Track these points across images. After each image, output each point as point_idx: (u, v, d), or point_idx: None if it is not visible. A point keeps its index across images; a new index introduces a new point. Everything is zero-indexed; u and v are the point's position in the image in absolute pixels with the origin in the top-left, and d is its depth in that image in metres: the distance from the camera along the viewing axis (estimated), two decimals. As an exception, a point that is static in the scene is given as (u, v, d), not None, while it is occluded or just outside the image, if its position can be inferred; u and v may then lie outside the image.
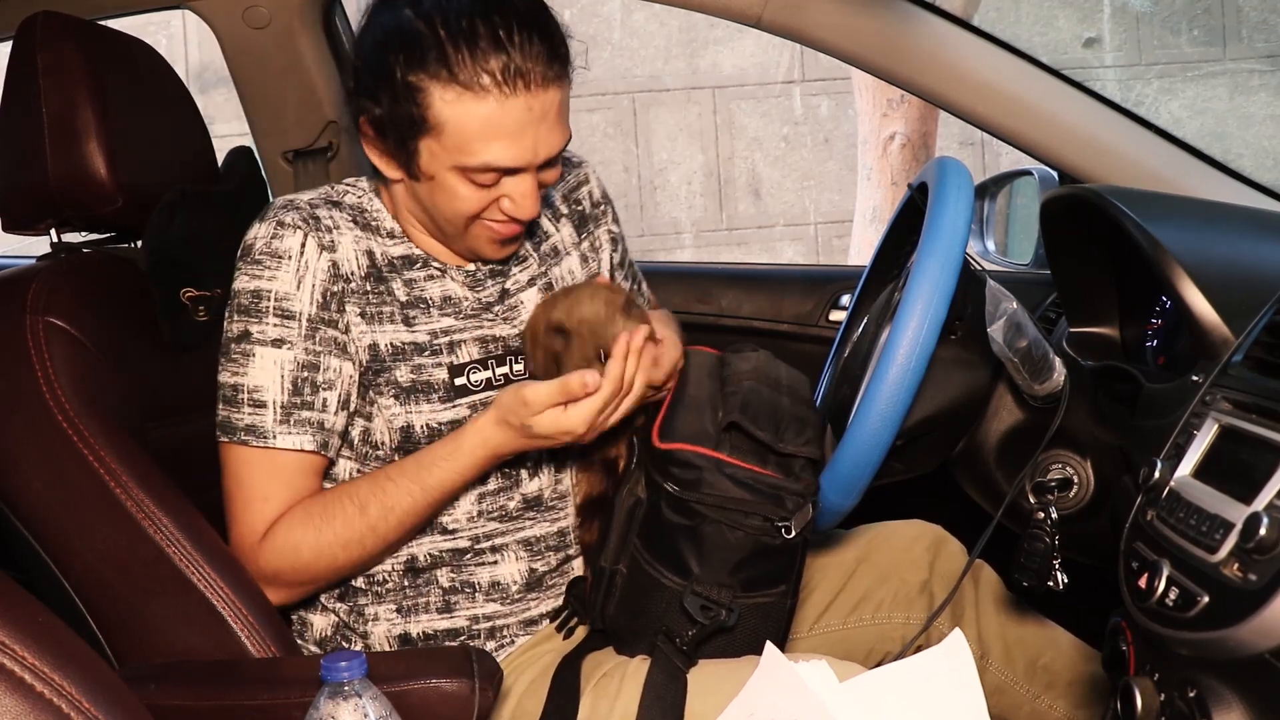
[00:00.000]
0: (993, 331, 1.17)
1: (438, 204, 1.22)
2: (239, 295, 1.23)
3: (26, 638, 0.56)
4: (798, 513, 1.16)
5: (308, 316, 1.22)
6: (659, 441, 1.19)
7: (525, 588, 1.31)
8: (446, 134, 1.16)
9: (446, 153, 1.17)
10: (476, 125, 1.15)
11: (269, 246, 1.22)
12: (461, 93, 1.14)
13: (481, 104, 1.14)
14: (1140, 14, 5.87)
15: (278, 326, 1.21)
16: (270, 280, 1.21)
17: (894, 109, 4.41)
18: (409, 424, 1.25)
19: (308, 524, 1.21)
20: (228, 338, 1.24)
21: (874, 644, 1.47)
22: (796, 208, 5.76)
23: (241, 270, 1.23)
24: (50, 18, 1.30)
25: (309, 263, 1.22)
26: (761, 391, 1.23)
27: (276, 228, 1.22)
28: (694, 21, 5.42)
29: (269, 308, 1.21)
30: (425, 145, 1.18)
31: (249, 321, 1.22)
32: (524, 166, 1.19)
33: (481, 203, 1.20)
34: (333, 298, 1.23)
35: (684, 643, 1.15)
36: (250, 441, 1.22)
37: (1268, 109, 5.79)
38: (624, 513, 1.23)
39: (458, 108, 1.15)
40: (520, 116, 1.16)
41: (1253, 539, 0.82)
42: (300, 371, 1.22)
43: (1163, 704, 0.93)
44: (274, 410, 1.21)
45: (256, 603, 1.18)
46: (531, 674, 1.25)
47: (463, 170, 1.18)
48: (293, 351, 1.22)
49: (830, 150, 5.74)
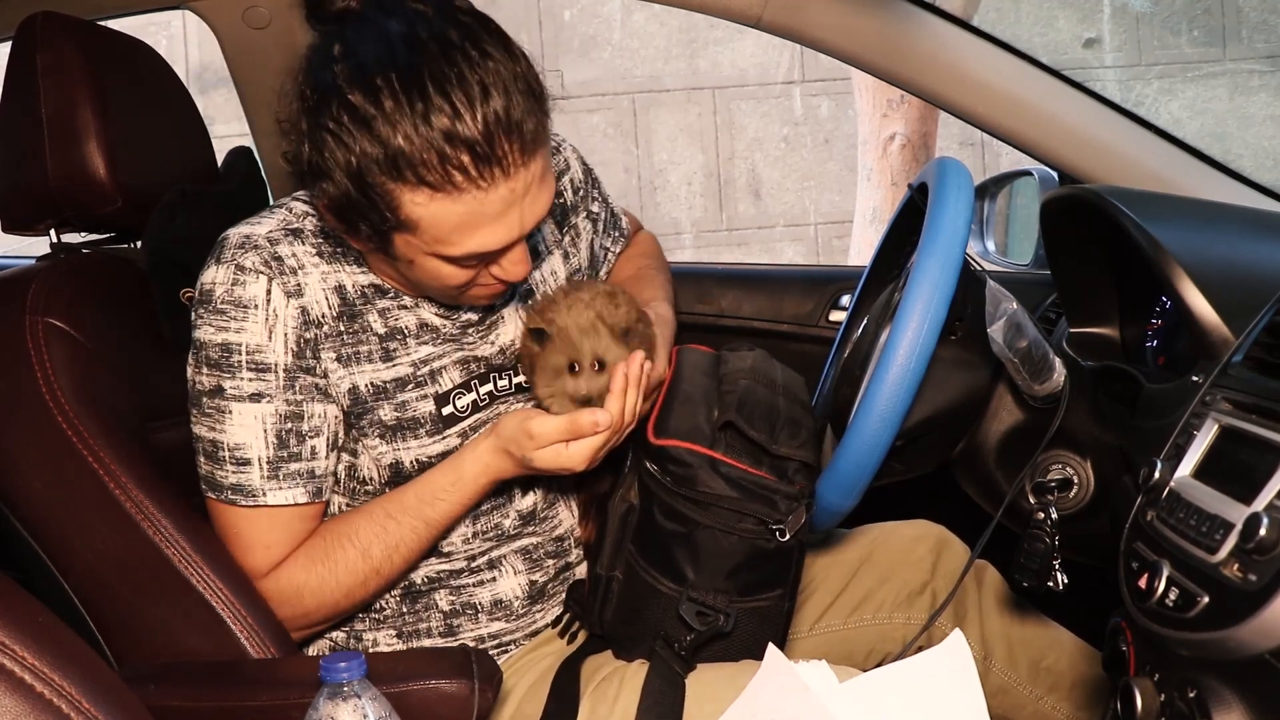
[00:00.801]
0: (993, 332, 1.17)
1: (420, 280, 1.15)
2: (205, 347, 1.15)
3: (26, 638, 0.56)
4: (790, 516, 1.15)
5: (284, 367, 1.15)
6: (654, 437, 1.19)
7: (529, 601, 1.30)
8: (423, 230, 1.06)
9: (425, 244, 1.08)
10: (454, 221, 1.05)
11: (231, 294, 1.13)
12: (433, 194, 1.03)
13: (458, 203, 1.04)
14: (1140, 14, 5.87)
15: (254, 381, 1.15)
16: (239, 332, 1.14)
17: (894, 109, 4.41)
18: (397, 460, 1.22)
19: (310, 570, 1.19)
20: (198, 390, 1.17)
21: (875, 644, 1.47)
22: (796, 208, 5.76)
23: (204, 319, 1.15)
24: (50, 18, 1.30)
25: (277, 310, 1.14)
26: (758, 391, 1.23)
27: (236, 273, 1.13)
28: (694, 22, 5.42)
29: (241, 362, 1.14)
30: (400, 239, 1.08)
31: (221, 376, 1.15)
32: (512, 243, 1.10)
33: (468, 277, 1.13)
34: (306, 344, 1.16)
35: (682, 648, 1.15)
36: (239, 501, 1.18)
37: (1267, 109, 5.79)
38: (617, 519, 1.22)
39: (431, 208, 1.04)
40: (501, 203, 1.05)
41: (1253, 539, 0.82)
42: (283, 424, 1.16)
43: (1163, 704, 0.93)
44: (259, 467, 1.16)
45: (256, 603, 1.18)
46: (531, 677, 1.25)
47: (444, 257, 1.09)
48: (273, 404, 1.16)
49: (830, 151, 5.74)
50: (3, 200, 1.34)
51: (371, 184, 1.04)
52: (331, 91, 1.04)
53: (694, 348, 1.33)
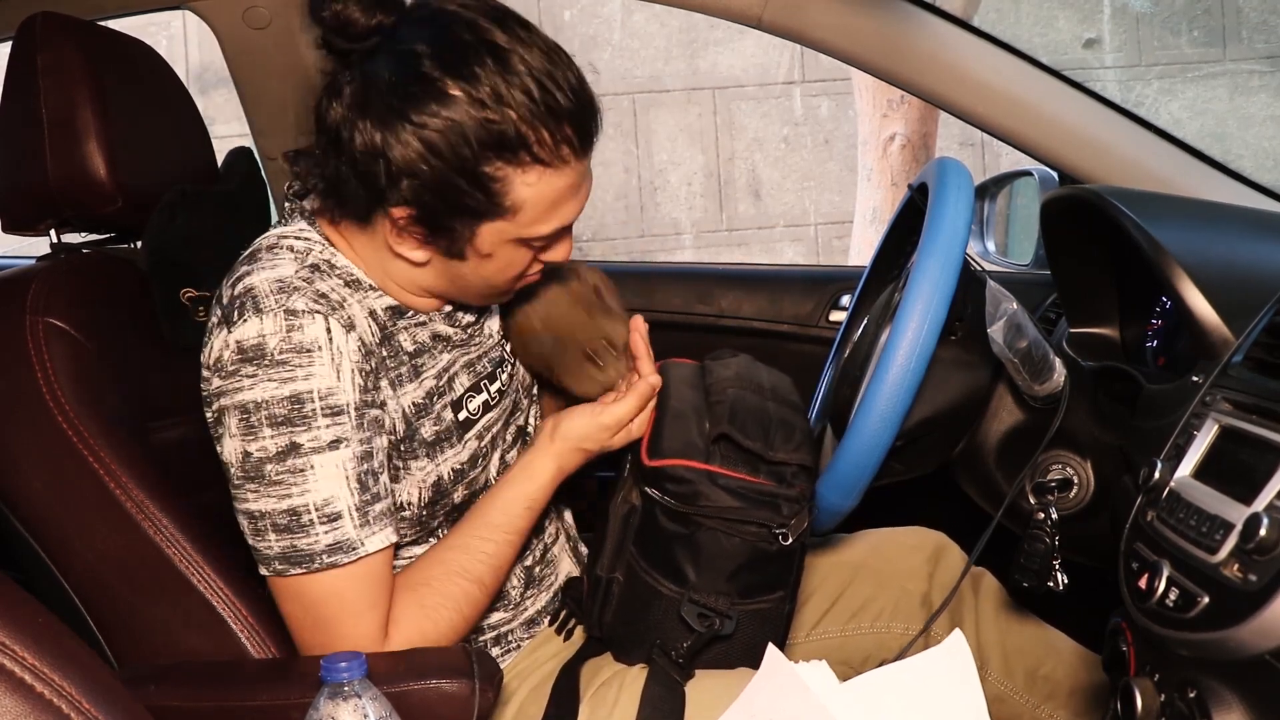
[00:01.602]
0: (993, 332, 1.17)
1: (485, 279, 1.14)
2: (266, 406, 1.05)
3: (26, 638, 0.56)
4: (794, 519, 1.15)
5: (355, 405, 1.08)
6: (648, 459, 1.18)
7: (524, 587, 1.31)
8: (525, 211, 1.07)
9: (516, 228, 1.08)
10: (553, 197, 1.07)
11: (290, 341, 1.05)
12: (542, 170, 1.05)
13: (561, 176, 1.07)
14: (1140, 15, 5.87)
15: (331, 427, 1.06)
16: (308, 379, 1.05)
17: (894, 110, 4.41)
18: (439, 476, 1.20)
19: (423, 615, 1.14)
20: (259, 459, 1.06)
21: (871, 651, 1.46)
22: (796, 208, 5.76)
23: (258, 377, 1.05)
24: (50, 18, 1.30)
25: (340, 348, 1.07)
26: (747, 398, 1.23)
27: (289, 318, 1.05)
28: (694, 22, 5.42)
29: (316, 410, 1.05)
30: (490, 228, 1.08)
31: (294, 432, 1.05)
32: (570, 226, 1.14)
33: (528, 263, 1.14)
34: (368, 377, 1.10)
35: (679, 654, 1.15)
36: (340, 561, 1.07)
37: (1268, 110, 5.79)
38: (618, 520, 1.22)
39: (539, 187, 1.06)
40: (584, 175, 1.10)
41: (1253, 539, 0.82)
42: (360, 466, 1.09)
43: (1163, 704, 0.93)
44: (351, 518, 1.08)
45: (256, 603, 1.18)
46: (534, 681, 1.25)
47: (526, 240, 1.10)
48: (350, 449, 1.07)
49: (830, 151, 5.74)
50: (3, 200, 1.34)
51: (485, 173, 1.03)
52: (416, 83, 1.01)
53: (676, 361, 1.33)
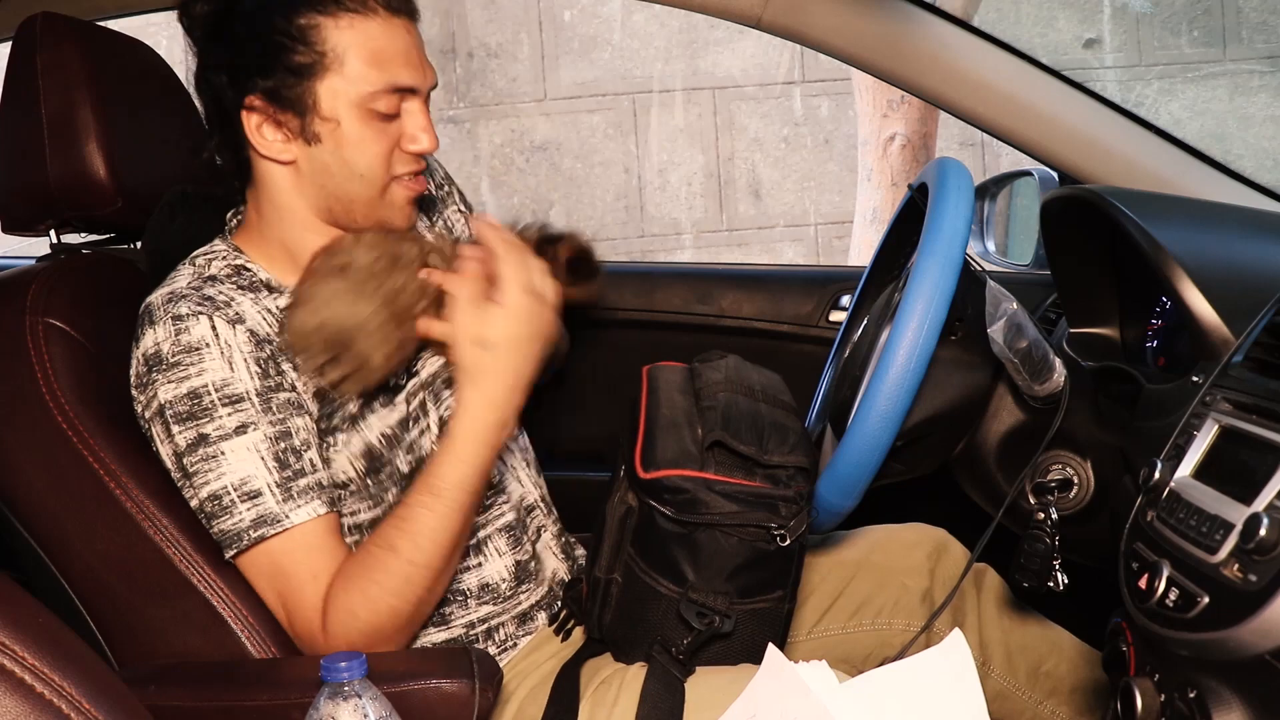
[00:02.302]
0: (993, 332, 1.17)
1: (350, 162, 1.19)
2: (171, 406, 1.14)
3: (26, 638, 0.56)
4: (793, 520, 1.15)
5: (255, 391, 1.15)
6: (643, 472, 1.17)
7: (515, 582, 1.31)
8: (347, 64, 1.16)
9: (349, 84, 1.16)
10: (373, 46, 1.17)
11: (179, 344, 1.14)
12: (353, 18, 1.16)
13: (371, 23, 1.17)
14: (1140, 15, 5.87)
15: (233, 414, 1.14)
16: (200, 374, 1.14)
17: (894, 110, 4.41)
18: (366, 442, 1.22)
19: (351, 588, 1.15)
20: (178, 453, 1.15)
21: (873, 649, 1.46)
22: (797, 208, 5.76)
23: (158, 381, 1.14)
24: (50, 18, 1.30)
25: (228, 341, 1.15)
26: (739, 402, 1.22)
27: (175, 323, 1.15)
28: (694, 22, 5.42)
29: (214, 401, 1.14)
30: (325, 87, 1.17)
31: (199, 424, 1.13)
32: (419, 87, 1.20)
33: (388, 143, 1.19)
34: (266, 363, 1.16)
35: (680, 651, 1.14)
36: (267, 533, 1.14)
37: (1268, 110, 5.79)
38: (616, 521, 1.21)
39: (352, 32, 1.16)
40: (406, 37, 1.19)
41: (1253, 540, 0.82)
42: (276, 445, 1.15)
43: (1163, 704, 0.93)
44: (272, 493, 1.14)
45: (257, 604, 1.18)
46: (533, 680, 1.25)
47: (366, 102, 1.17)
48: (260, 431, 1.14)
49: (830, 151, 5.74)
50: (3, 201, 1.34)
51: (301, 25, 1.16)
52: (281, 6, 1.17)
53: (665, 365, 1.32)
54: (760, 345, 1.96)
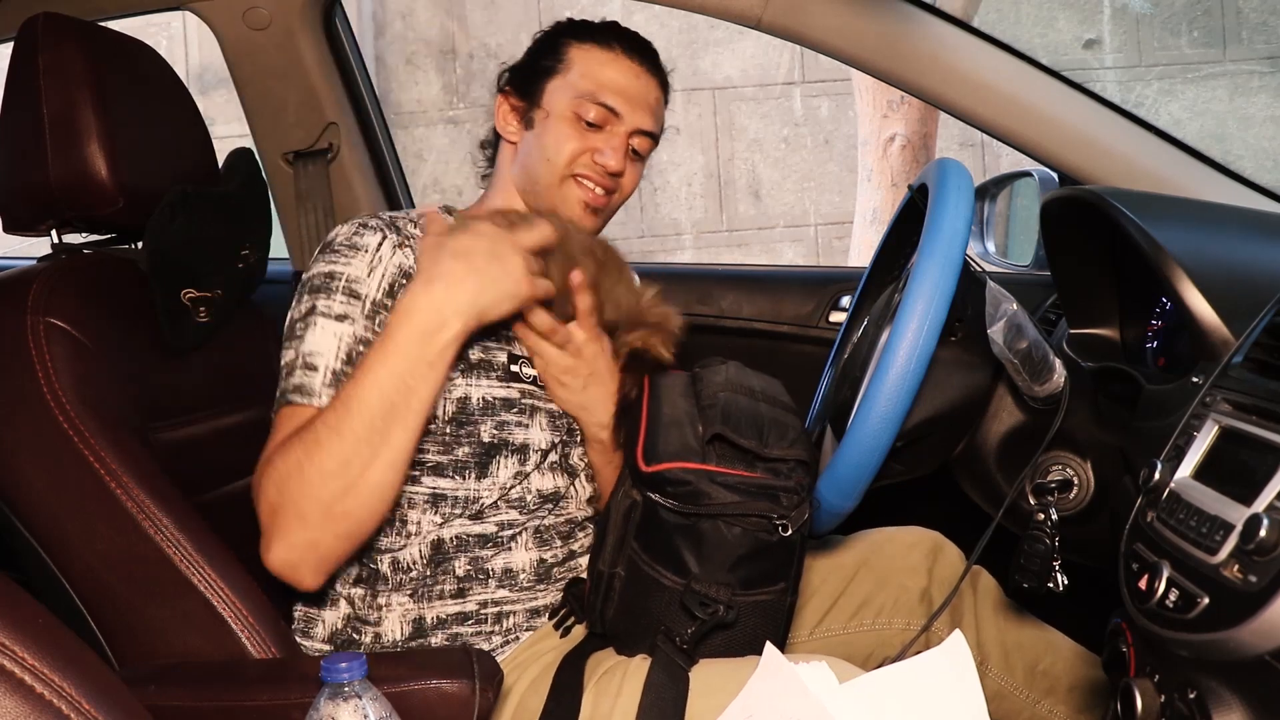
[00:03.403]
0: (993, 333, 1.17)
1: (545, 147, 1.41)
2: (311, 279, 1.29)
3: (27, 639, 0.57)
4: (794, 510, 1.16)
5: (372, 300, 1.28)
6: (645, 465, 1.18)
7: (536, 578, 1.33)
8: (573, 71, 1.42)
9: (568, 86, 1.41)
10: (599, 67, 1.42)
11: (349, 240, 1.30)
12: (594, 47, 1.44)
13: (606, 54, 1.43)
14: (1140, 15, 5.88)
15: (344, 304, 1.27)
16: (345, 264, 1.29)
17: (894, 110, 4.41)
18: (466, 395, 1.30)
19: (285, 442, 1.21)
20: (294, 319, 1.29)
21: (874, 649, 1.47)
22: (797, 209, 5.76)
23: (317, 260, 1.31)
24: (51, 19, 1.30)
25: (383, 257, 1.30)
26: (739, 401, 1.23)
27: (359, 227, 1.32)
28: (694, 23, 5.43)
29: (339, 286, 1.27)
30: (551, 84, 1.42)
31: (317, 298, 1.28)
32: (623, 114, 1.41)
33: (581, 145, 1.40)
34: (400, 288, 1.29)
35: (684, 641, 1.15)
36: (295, 400, 1.24)
37: (1268, 110, 5.79)
38: (620, 515, 1.22)
39: (588, 54, 1.43)
40: (631, 76, 1.43)
41: (1253, 540, 0.82)
42: (356, 345, 1.26)
43: (1163, 705, 0.93)
44: (324, 374, 1.24)
45: (257, 603, 1.18)
46: (534, 672, 1.26)
47: (576, 104, 1.40)
48: (353, 327, 1.26)
49: (830, 152, 5.74)
50: (4, 201, 1.34)
51: (555, 42, 1.46)
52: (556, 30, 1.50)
53: (668, 371, 1.33)
54: (760, 346, 1.96)
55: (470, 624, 1.30)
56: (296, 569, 1.21)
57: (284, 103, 1.94)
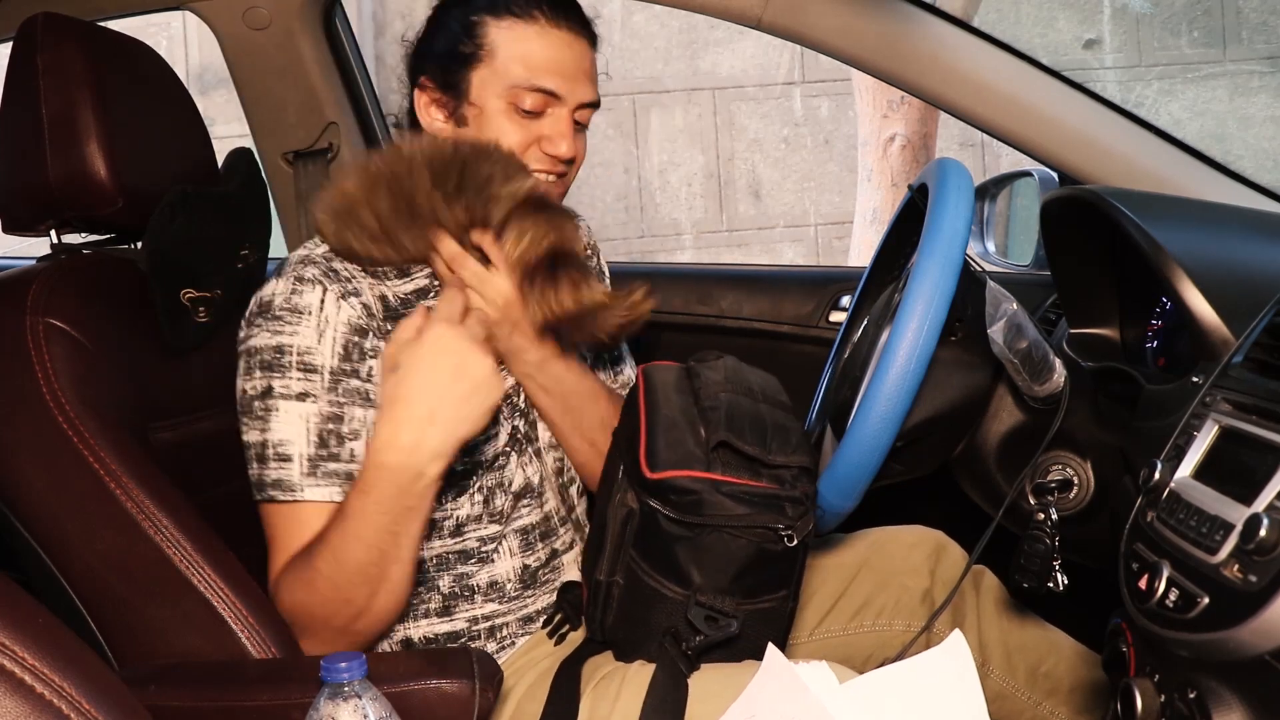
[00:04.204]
0: (993, 333, 1.17)
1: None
2: (260, 351, 1.22)
3: (27, 639, 0.56)
4: (799, 520, 1.15)
5: (330, 369, 1.21)
6: (649, 472, 1.16)
7: (522, 585, 1.32)
8: (498, 58, 1.29)
9: (496, 76, 1.29)
10: (525, 46, 1.29)
11: (288, 302, 1.22)
12: (514, 21, 1.29)
13: (530, 28, 1.29)
14: (1140, 15, 5.88)
15: (301, 380, 1.20)
16: (291, 335, 1.21)
17: (894, 110, 4.41)
18: None
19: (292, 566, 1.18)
20: (249, 395, 1.22)
21: (874, 650, 1.47)
22: (797, 209, 5.76)
23: (261, 326, 1.22)
24: (51, 19, 1.30)
25: (329, 317, 1.21)
26: (741, 403, 1.22)
27: (295, 283, 1.23)
28: (694, 23, 5.43)
29: (291, 362, 1.20)
30: (477, 75, 1.30)
31: (272, 377, 1.21)
32: (563, 95, 1.29)
33: (526, 138, 1.29)
34: (354, 348, 1.22)
35: (689, 647, 1.14)
36: (277, 497, 1.20)
37: (1268, 110, 5.79)
38: (617, 524, 1.20)
39: (510, 32, 1.29)
40: (563, 48, 1.30)
41: (1253, 540, 0.82)
42: (325, 424, 1.20)
43: (1163, 705, 0.93)
44: (300, 463, 1.20)
45: (257, 603, 1.18)
46: (531, 677, 1.25)
47: (510, 95, 1.28)
48: (316, 405, 1.20)
49: (830, 151, 5.74)
50: (3, 201, 1.34)
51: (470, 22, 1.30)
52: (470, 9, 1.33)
53: (660, 364, 1.32)
54: (760, 346, 1.96)
55: (462, 641, 1.30)
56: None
57: (284, 103, 1.94)
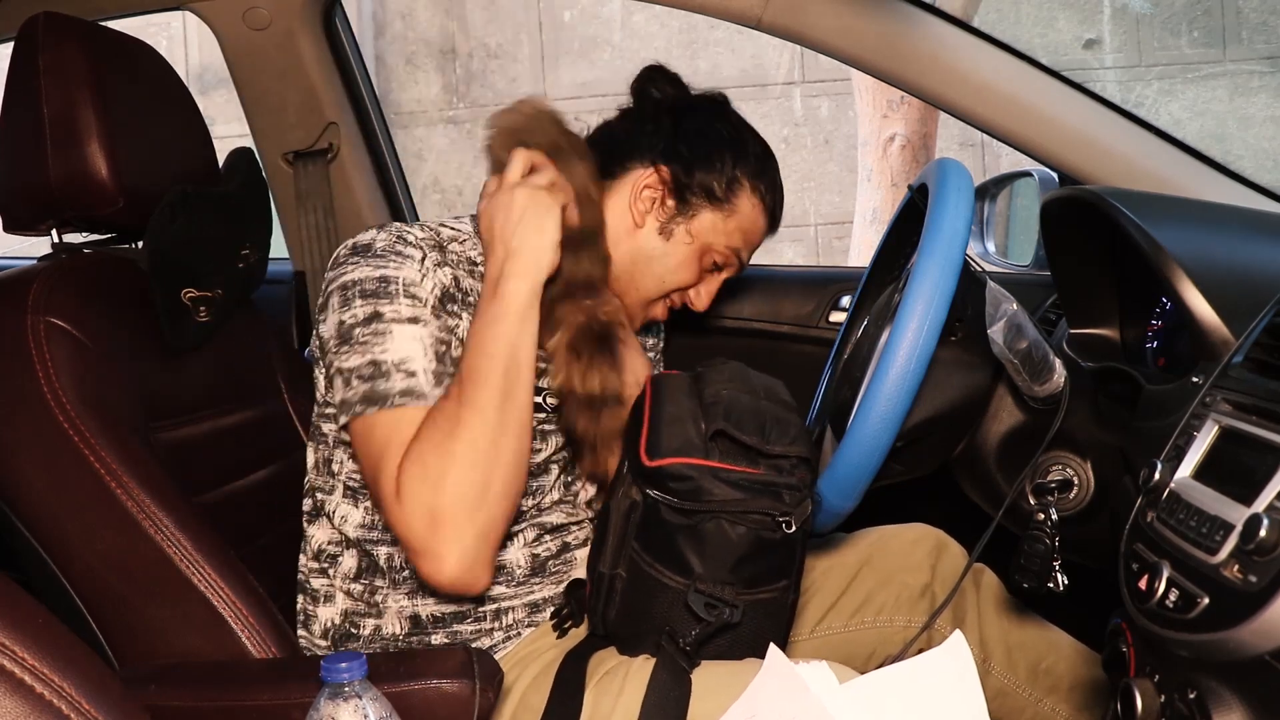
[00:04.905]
0: (993, 333, 1.17)
1: (666, 267, 1.41)
2: (360, 282, 1.24)
3: (27, 639, 0.57)
4: (797, 507, 1.16)
5: (432, 304, 1.26)
6: (648, 460, 1.18)
7: (530, 572, 1.33)
8: (732, 221, 1.42)
9: (723, 232, 1.42)
10: (753, 226, 1.45)
11: (392, 245, 1.26)
12: (757, 203, 1.44)
13: (762, 214, 1.45)
14: (1140, 15, 5.88)
15: (410, 306, 1.24)
16: (397, 269, 1.25)
17: (894, 110, 4.41)
18: None
19: (417, 440, 1.18)
20: (350, 323, 1.23)
21: (875, 646, 1.47)
22: (797, 209, 5.76)
23: (359, 263, 1.25)
24: (52, 19, 1.30)
25: (431, 267, 1.27)
26: (741, 398, 1.23)
27: (400, 235, 1.28)
28: (694, 23, 5.43)
29: (398, 290, 1.24)
30: (710, 216, 1.41)
31: (378, 303, 1.23)
32: (734, 270, 1.47)
33: (687, 281, 1.43)
34: (448, 299, 1.28)
35: (687, 642, 1.15)
36: (408, 403, 1.20)
37: (1268, 110, 5.80)
38: (620, 516, 1.22)
39: (753, 209, 1.44)
40: (762, 237, 1.49)
41: (1253, 540, 0.82)
42: (438, 345, 1.24)
43: (1163, 705, 0.93)
44: (425, 375, 1.22)
45: (257, 603, 1.19)
46: (535, 669, 1.26)
47: (711, 249, 1.42)
48: (428, 328, 1.24)
49: (830, 151, 5.74)
50: (4, 200, 1.34)
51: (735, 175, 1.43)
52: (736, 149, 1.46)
53: (669, 373, 1.34)
54: (760, 346, 1.96)
55: (469, 622, 1.31)
56: (473, 570, 1.18)
57: (284, 103, 1.94)
